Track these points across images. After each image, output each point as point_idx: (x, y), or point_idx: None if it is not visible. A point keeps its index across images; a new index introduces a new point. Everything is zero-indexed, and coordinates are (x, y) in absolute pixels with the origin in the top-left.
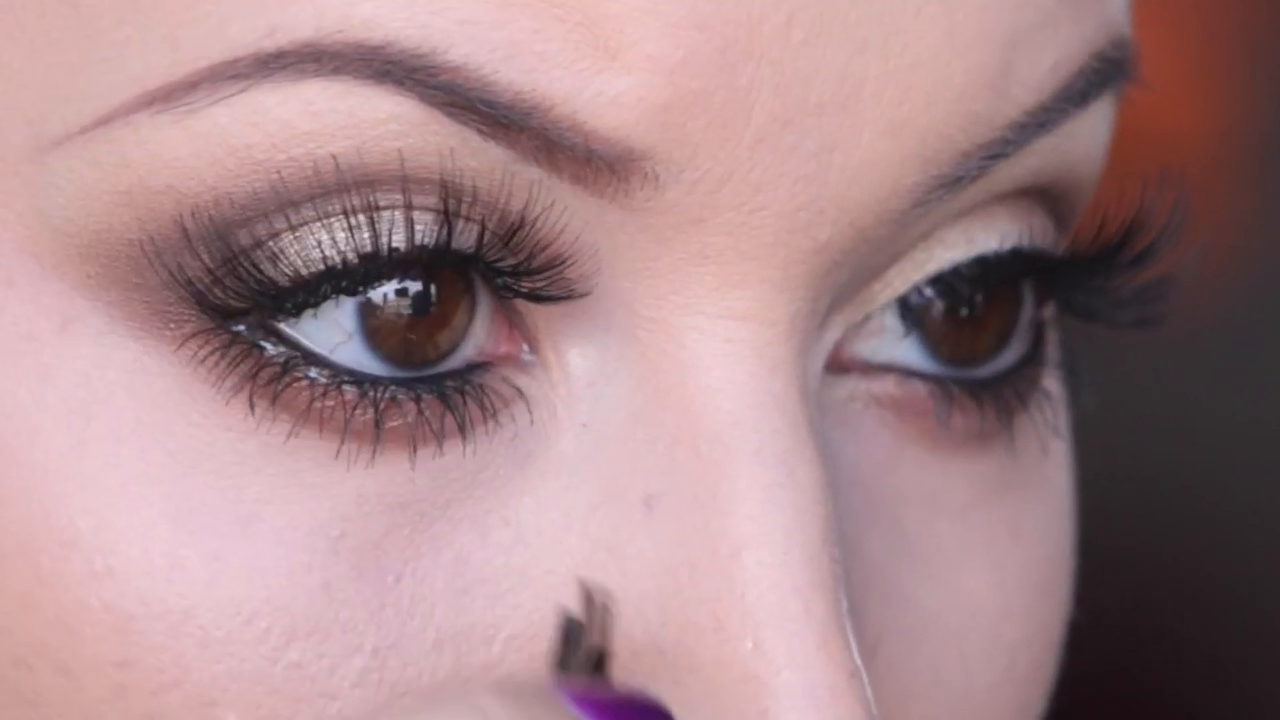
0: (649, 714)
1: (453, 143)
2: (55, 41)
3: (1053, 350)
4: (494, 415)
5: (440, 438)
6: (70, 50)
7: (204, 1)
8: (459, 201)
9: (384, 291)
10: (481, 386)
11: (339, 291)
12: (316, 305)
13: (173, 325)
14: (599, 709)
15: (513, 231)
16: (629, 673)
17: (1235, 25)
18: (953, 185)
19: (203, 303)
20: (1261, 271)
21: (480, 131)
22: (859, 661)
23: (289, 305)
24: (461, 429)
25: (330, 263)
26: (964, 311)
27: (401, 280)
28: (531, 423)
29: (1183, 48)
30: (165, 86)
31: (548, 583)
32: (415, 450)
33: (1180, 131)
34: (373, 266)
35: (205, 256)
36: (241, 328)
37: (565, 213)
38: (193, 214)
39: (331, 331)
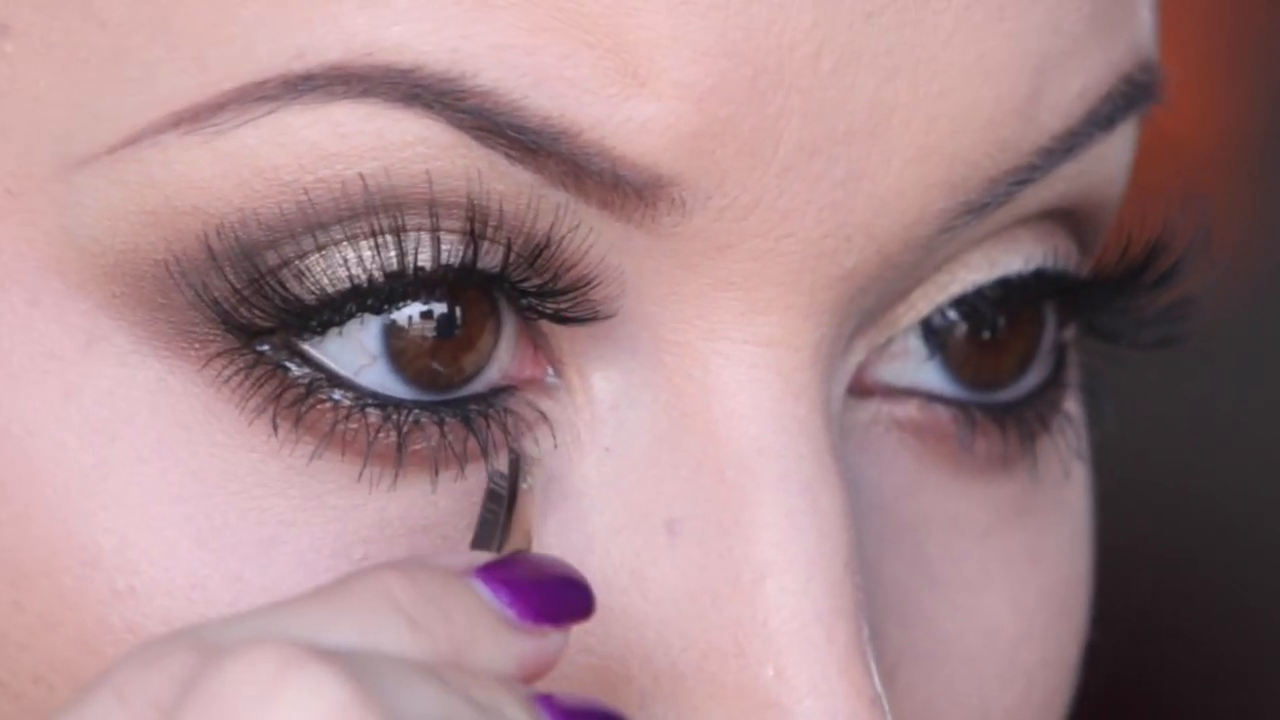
0: (562, 591)
1: (480, 166)
2: (83, 60)
3: (1074, 372)
4: (517, 440)
5: (463, 461)
6: (98, 70)
7: (232, 23)
8: (485, 223)
9: (409, 314)
10: (505, 410)
11: (364, 310)
12: (342, 324)
13: (197, 345)
14: (509, 587)
15: (538, 252)
16: (648, 698)
17: (1234, 27)
18: (979, 211)
19: (228, 322)
20: (1261, 272)
21: (508, 155)
22: (880, 689)
23: (314, 324)
24: (484, 452)
25: (356, 281)
26: (986, 334)
27: (427, 302)
28: (555, 446)
29: (1181, 49)
30: (193, 107)
31: None
32: (437, 473)
33: (1178, 133)
34: (398, 285)
35: (231, 276)
36: (266, 348)
37: (591, 234)
38: (219, 234)
39: (356, 354)
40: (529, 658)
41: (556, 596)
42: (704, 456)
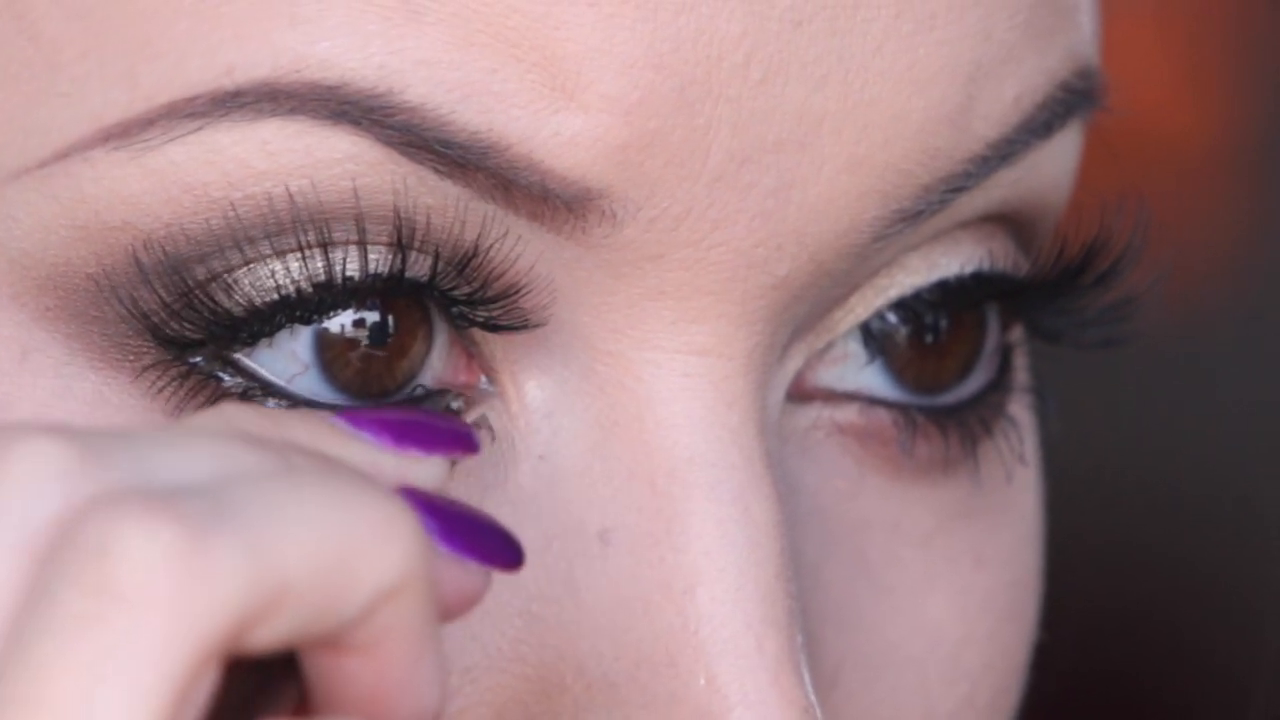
0: (431, 430)
1: (408, 180)
2: (14, 75)
3: (1021, 375)
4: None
5: None
6: (29, 83)
7: (164, 39)
8: (412, 234)
9: (340, 322)
10: (443, 411)
11: (293, 320)
12: (271, 335)
13: (131, 357)
14: (377, 425)
15: (466, 260)
16: (581, 707)
17: (1230, 27)
18: (913, 219)
19: (159, 335)
20: (1257, 271)
21: (436, 170)
22: (813, 698)
23: (244, 335)
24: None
25: (284, 292)
26: (929, 338)
27: (359, 310)
28: (491, 452)
29: (1178, 50)
30: (122, 123)
31: (504, 615)
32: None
33: (1176, 133)
34: (327, 296)
35: (161, 290)
36: (199, 359)
37: (520, 243)
38: (147, 249)
39: (288, 363)
40: (390, 472)
41: (424, 426)
42: (636, 465)
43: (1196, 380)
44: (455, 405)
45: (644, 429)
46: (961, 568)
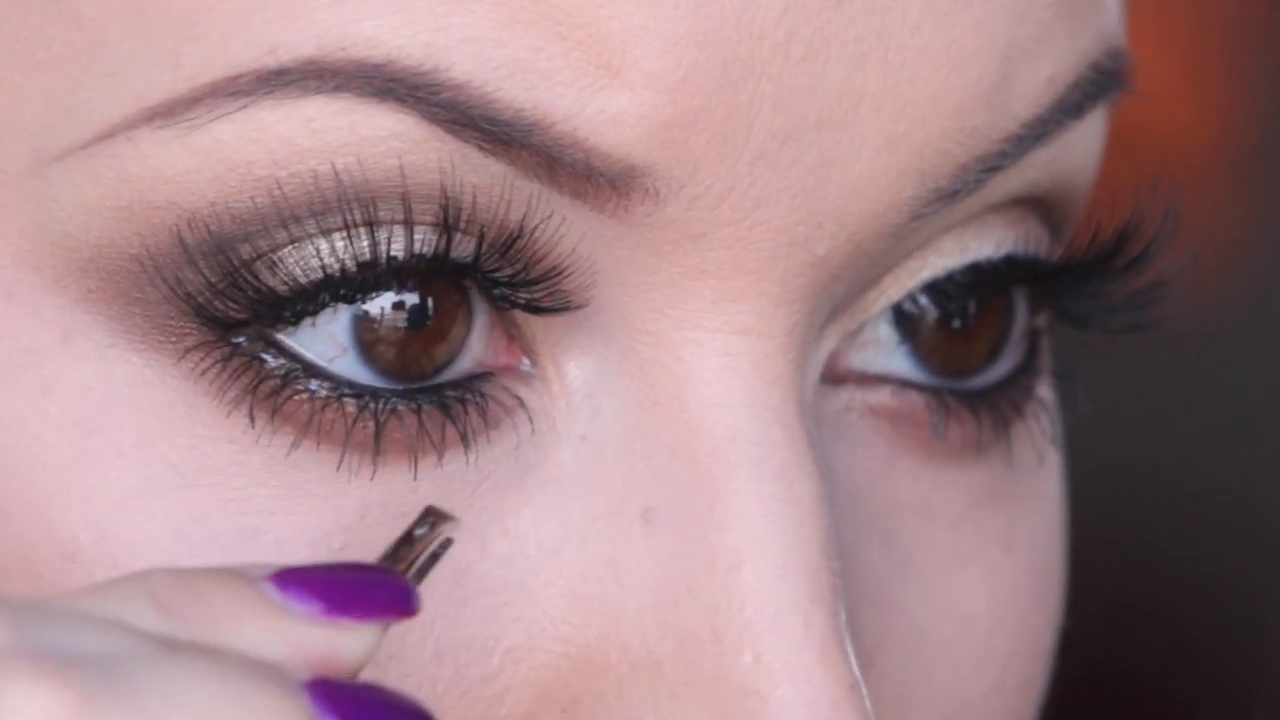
0: (369, 585)
1: (453, 158)
2: (57, 56)
3: (1047, 359)
4: (495, 425)
5: (441, 449)
6: (72, 65)
7: (207, 19)
8: (458, 214)
9: (380, 304)
10: (483, 395)
11: (337, 299)
12: (315, 314)
13: (174, 338)
14: (299, 581)
15: (510, 242)
16: (626, 685)
17: (1230, 25)
18: (950, 198)
19: (202, 315)
20: (1257, 270)
21: (481, 148)
22: (858, 674)
23: (288, 314)
24: (463, 439)
25: (329, 270)
26: (956, 323)
27: (399, 292)
28: (532, 433)
29: (1178, 48)
30: (167, 102)
31: (547, 595)
32: (416, 461)
33: (1176, 131)
34: (370, 275)
35: (205, 269)
36: (242, 340)
37: (563, 224)
38: (191, 228)
39: (327, 345)
40: (314, 647)
41: (359, 589)
42: (678, 445)
43: (1195, 379)
44: (491, 389)
45: (685, 408)
46: (991, 551)
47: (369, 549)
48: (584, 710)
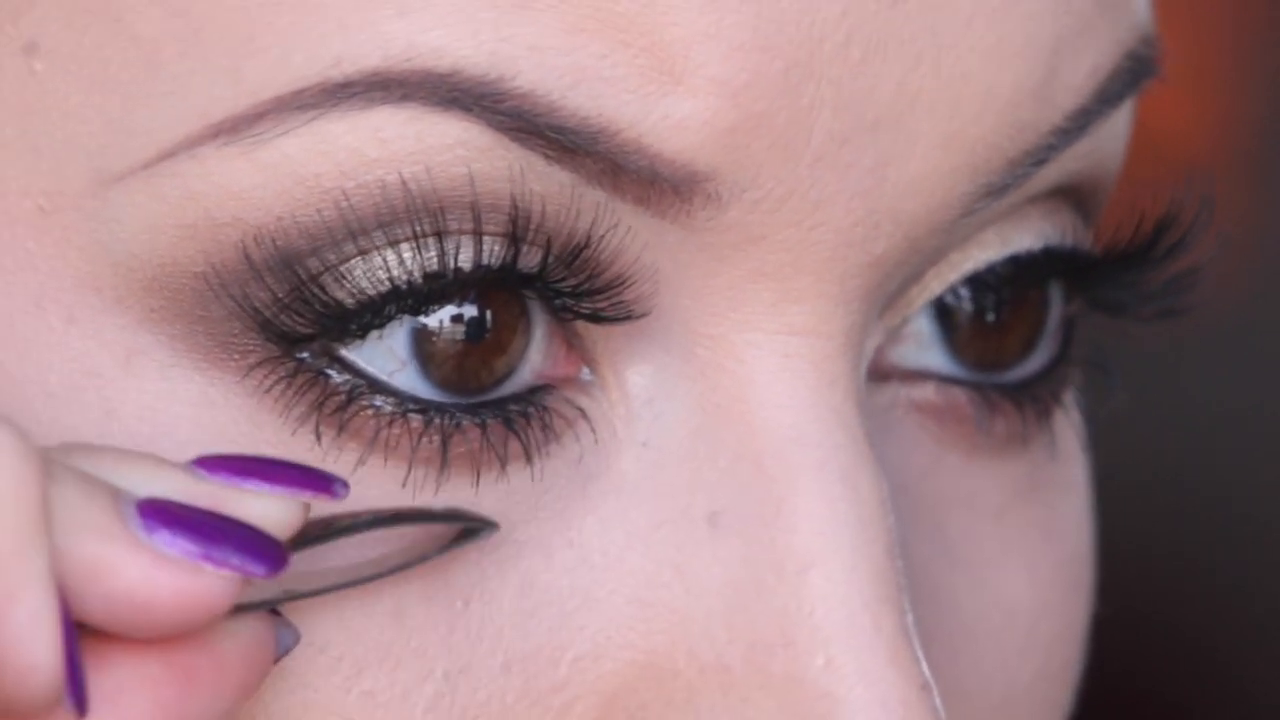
0: (280, 468)
1: (520, 166)
2: (114, 75)
3: (1079, 347)
4: (557, 437)
5: (504, 461)
6: (130, 84)
7: (266, 33)
8: (527, 222)
9: (439, 318)
10: (545, 408)
11: (404, 311)
12: (381, 326)
13: (238, 356)
14: (218, 466)
15: (577, 251)
16: (695, 690)
17: (1230, 22)
18: (999, 193)
19: (268, 331)
20: (1257, 268)
21: (546, 156)
22: (928, 674)
23: (354, 327)
24: (526, 452)
25: (397, 282)
26: (990, 317)
27: (459, 305)
28: (595, 442)
29: (1178, 45)
30: (231, 119)
31: (612, 603)
32: (479, 474)
33: (1176, 129)
34: (437, 286)
35: (272, 284)
36: (306, 355)
37: (628, 234)
38: (257, 243)
39: (386, 360)
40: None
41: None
42: (741, 448)
43: (1194, 379)
44: (552, 401)
45: (747, 411)
46: (1032, 540)
47: (435, 563)
48: (653, 716)
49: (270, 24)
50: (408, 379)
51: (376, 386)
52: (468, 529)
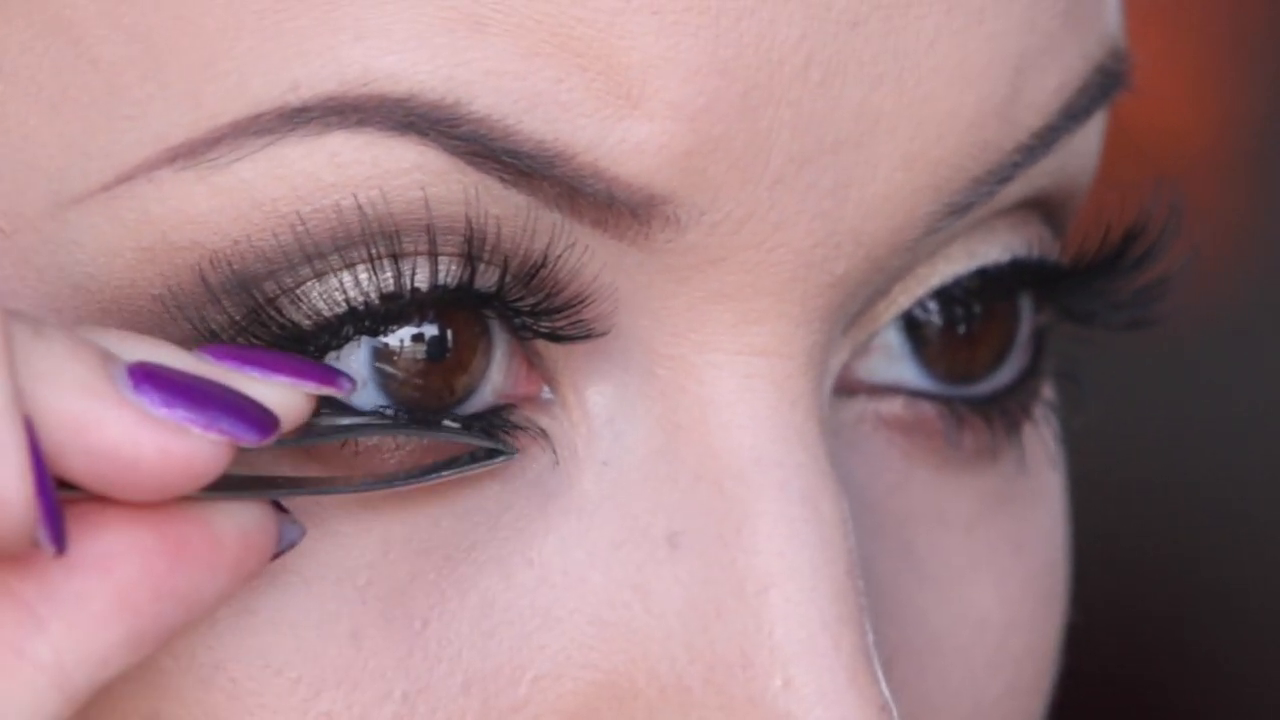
0: (283, 359)
1: (476, 190)
2: (74, 99)
3: (1050, 359)
4: (517, 456)
5: (463, 480)
6: (90, 107)
7: (225, 59)
8: (482, 244)
9: (399, 337)
10: (506, 427)
11: (361, 332)
12: (339, 347)
13: None
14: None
15: (534, 272)
16: (655, 711)
17: (1231, 23)
18: (963, 211)
19: None
20: (1257, 268)
21: (502, 179)
22: (888, 695)
23: (310, 349)
24: (484, 469)
25: (353, 303)
26: (961, 329)
27: (419, 325)
28: (555, 461)
29: (1179, 46)
30: (188, 143)
31: (573, 623)
32: (439, 492)
33: (1176, 129)
34: (394, 307)
35: (229, 308)
36: None
37: (586, 253)
38: (214, 267)
39: None
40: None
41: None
42: (702, 468)
43: (1195, 378)
44: (515, 419)
45: (708, 431)
46: (1002, 554)
47: (394, 584)
48: None
49: (229, 49)
50: (368, 398)
51: (334, 405)
52: (479, 452)
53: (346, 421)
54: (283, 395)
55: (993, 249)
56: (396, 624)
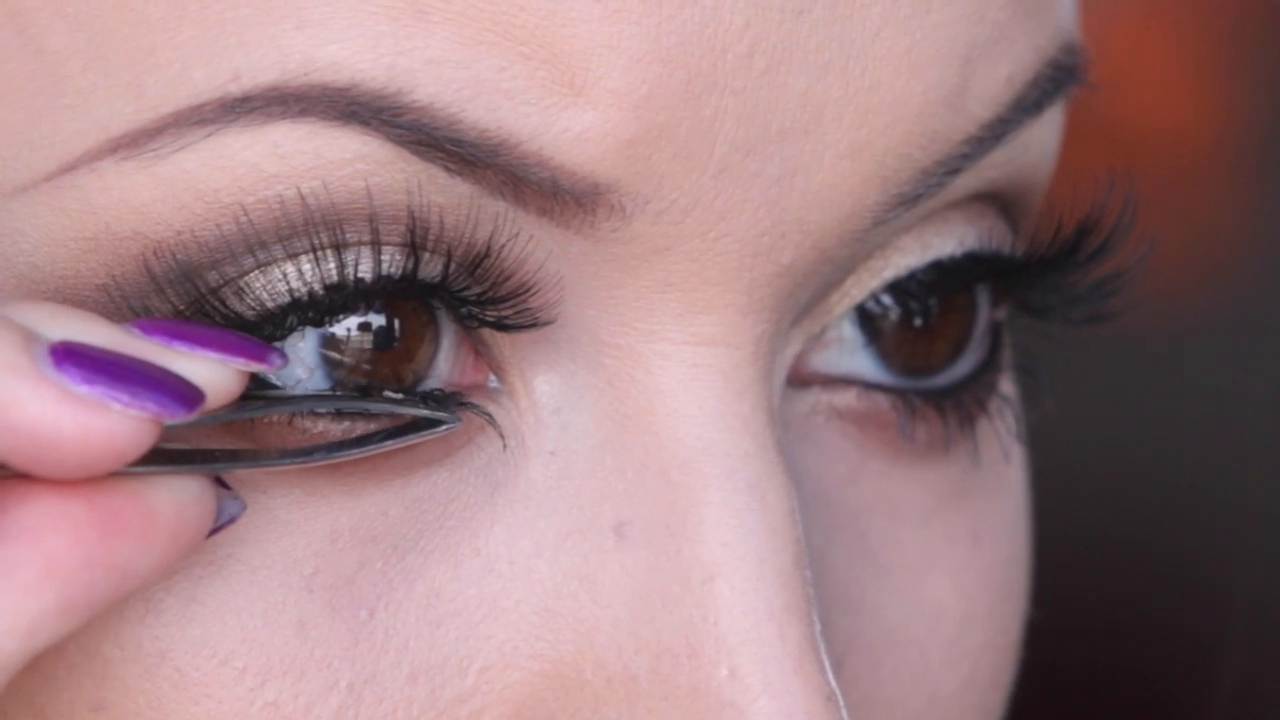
0: (214, 336)
1: (420, 179)
2: (17, 89)
3: (1009, 354)
4: (464, 444)
5: (411, 469)
6: (33, 97)
7: (168, 48)
8: (425, 234)
9: (346, 326)
10: (450, 405)
11: (305, 323)
12: (283, 338)
13: None
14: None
15: (478, 261)
16: (602, 700)
17: (1232, 22)
18: (912, 202)
19: None
20: (1256, 267)
21: (447, 168)
22: (834, 684)
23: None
24: (433, 459)
25: (296, 294)
26: (918, 322)
27: (365, 314)
28: (502, 450)
29: (1179, 44)
30: (131, 133)
31: (520, 613)
32: (386, 482)
33: (1177, 129)
34: (338, 297)
35: (173, 298)
36: None
37: (530, 242)
38: (158, 257)
39: (293, 367)
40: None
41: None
42: (648, 458)
43: (1194, 377)
44: (465, 403)
45: (655, 421)
46: (960, 547)
47: (341, 573)
48: None
49: (171, 39)
50: (316, 385)
51: (280, 396)
52: (420, 420)
53: (287, 394)
54: (210, 370)
55: (947, 241)
56: (343, 614)
